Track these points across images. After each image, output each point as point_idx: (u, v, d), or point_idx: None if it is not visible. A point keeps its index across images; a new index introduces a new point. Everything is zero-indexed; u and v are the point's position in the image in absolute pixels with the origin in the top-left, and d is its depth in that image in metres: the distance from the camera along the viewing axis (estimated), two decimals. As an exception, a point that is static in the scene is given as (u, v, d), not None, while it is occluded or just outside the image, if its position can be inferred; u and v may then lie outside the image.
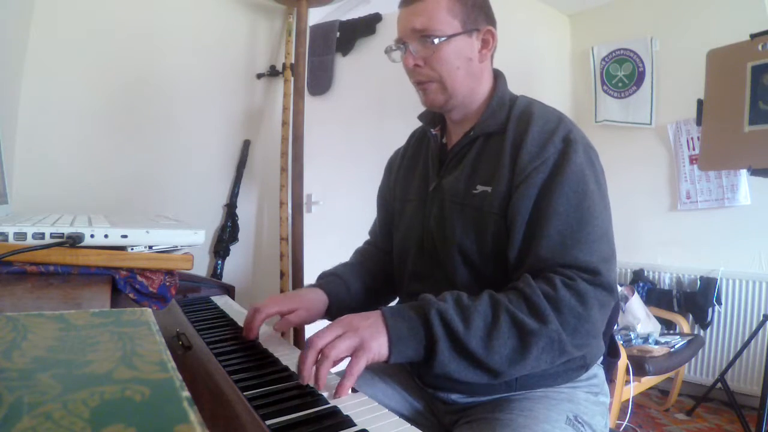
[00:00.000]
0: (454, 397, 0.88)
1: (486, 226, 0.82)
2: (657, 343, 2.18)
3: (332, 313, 0.96)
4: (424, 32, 0.84)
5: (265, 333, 0.92)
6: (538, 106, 0.88)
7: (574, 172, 0.77)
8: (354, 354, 0.67)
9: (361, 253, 1.13)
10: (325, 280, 0.99)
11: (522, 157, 0.80)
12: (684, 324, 2.52)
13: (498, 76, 0.94)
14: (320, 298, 0.95)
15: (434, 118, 1.00)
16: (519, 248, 0.79)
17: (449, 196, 0.88)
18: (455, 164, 0.91)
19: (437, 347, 0.68)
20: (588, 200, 0.77)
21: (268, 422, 0.55)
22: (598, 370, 0.91)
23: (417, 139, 1.07)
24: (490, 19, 0.90)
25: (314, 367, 0.66)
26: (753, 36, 2.09)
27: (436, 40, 0.83)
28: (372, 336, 0.68)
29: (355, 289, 1.00)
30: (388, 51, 0.92)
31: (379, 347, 0.68)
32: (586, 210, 0.77)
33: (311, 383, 0.65)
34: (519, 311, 0.70)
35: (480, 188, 0.84)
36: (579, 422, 0.80)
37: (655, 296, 2.70)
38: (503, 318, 0.70)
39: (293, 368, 0.75)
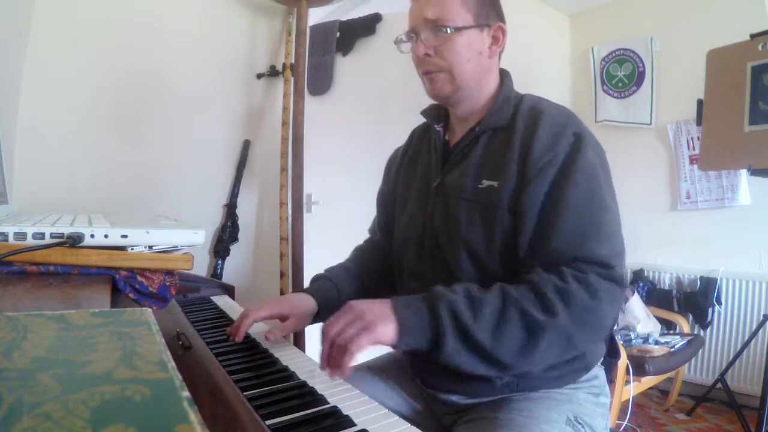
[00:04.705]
0: (454, 398, 0.87)
1: (493, 221, 0.81)
2: (657, 343, 2.18)
3: (323, 316, 0.97)
4: (437, 22, 0.83)
5: (263, 333, 0.91)
6: (547, 102, 0.87)
7: (586, 165, 0.77)
8: (359, 333, 0.68)
9: (360, 251, 1.13)
10: (317, 285, 1.00)
11: (534, 151, 0.79)
12: (684, 324, 2.52)
13: (505, 75, 0.94)
14: (310, 304, 0.96)
15: (438, 115, 0.98)
16: (530, 241, 0.78)
17: (454, 192, 0.87)
18: (459, 161, 0.90)
19: (445, 339, 0.69)
20: (600, 194, 0.77)
21: (268, 422, 0.55)
22: (599, 371, 0.91)
23: (418, 137, 1.06)
24: (501, 17, 0.90)
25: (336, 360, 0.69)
26: (753, 36, 2.09)
27: (448, 30, 0.83)
28: (379, 321, 0.69)
29: (346, 293, 1.01)
30: (397, 42, 0.90)
31: (384, 332, 0.69)
32: (598, 203, 0.77)
33: (337, 376, 0.69)
34: (528, 304, 0.70)
35: (486, 183, 0.83)
36: (579, 423, 0.80)
37: (655, 296, 2.70)
38: (512, 310, 0.70)
39: (293, 368, 0.75)
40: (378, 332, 0.68)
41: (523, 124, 0.83)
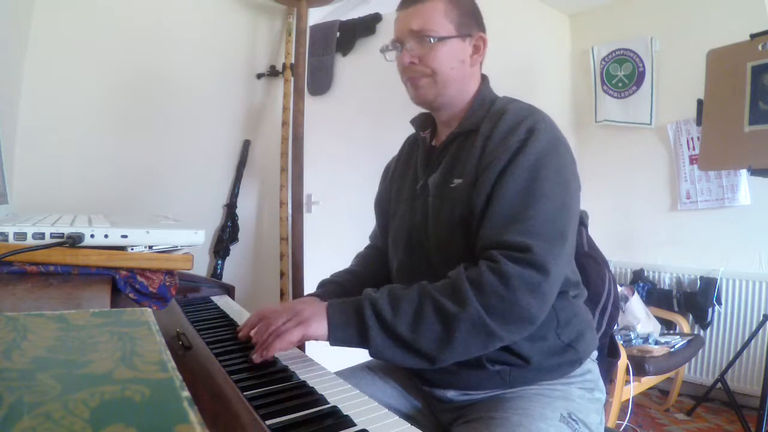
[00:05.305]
0: (450, 394, 0.89)
1: (455, 215, 0.85)
2: (657, 343, 2.18)
3: None
4: (421, 32, 0.88)
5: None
6: (516, 104, 0.90)
7: (529, 158, 0.79)
8: (294, 327, 0.77)
9: (361, 257, 1.16)
10: (325, 289, 1.01)
11: (488, 147, 0.84)
12: (684, 324, 2.52)
13: (483, 80, 0.97)
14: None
15: (425, 122, 1.03)
16: (475, 234, 0.82)
17: (432, 192, 0.91)
18: (439, 163, 0.94)
19: (369, 333, 0.75)
20: (539, 184, 0.78)
21: (268, 422, 0.56)
22: (592, 365, 0.91)
23: (410, 145, 1.10)
24: (482, 27, 0.94)
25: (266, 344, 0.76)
26: (753, 36, 2.09)
27: (432, 39, 0.87)
28: (313, 319, 0.77)
29: (353, 295, 1.01)
30: (383, 50, 0.95)
31: (317, 328, 0.77)
32: (532, 193, 0.78)
33: (263, 356, 0.75)
34: (443, 296, 0.75)
35: (456, 182, 0.88)
36: (573, 419, 0.81)
37: (655, 296, 2.70)
38: (427, 303, 0.75)
39: (293, 368, 0.75)
40: (312, 328, 0.77)
41: (487, 125, 0.87)
